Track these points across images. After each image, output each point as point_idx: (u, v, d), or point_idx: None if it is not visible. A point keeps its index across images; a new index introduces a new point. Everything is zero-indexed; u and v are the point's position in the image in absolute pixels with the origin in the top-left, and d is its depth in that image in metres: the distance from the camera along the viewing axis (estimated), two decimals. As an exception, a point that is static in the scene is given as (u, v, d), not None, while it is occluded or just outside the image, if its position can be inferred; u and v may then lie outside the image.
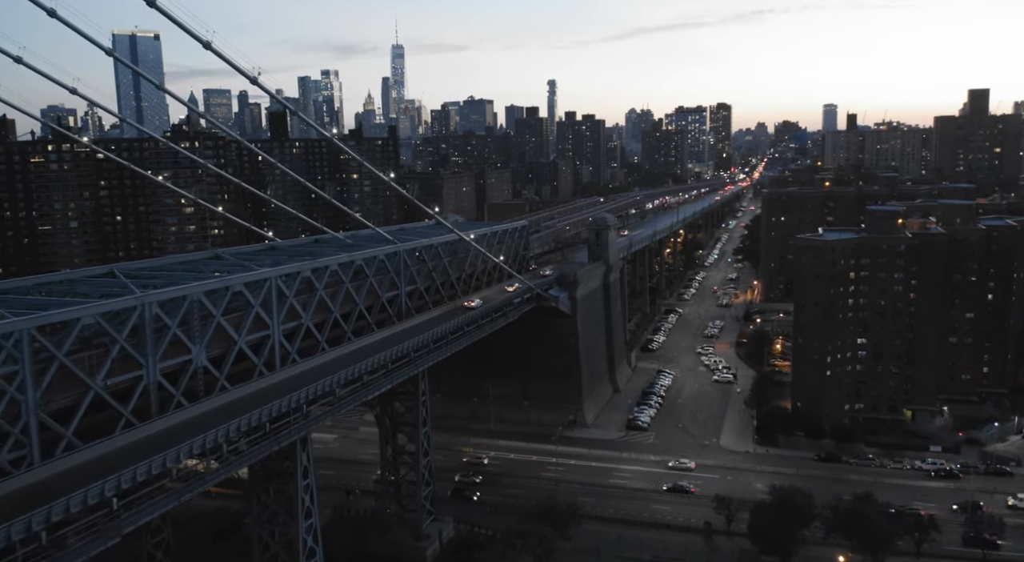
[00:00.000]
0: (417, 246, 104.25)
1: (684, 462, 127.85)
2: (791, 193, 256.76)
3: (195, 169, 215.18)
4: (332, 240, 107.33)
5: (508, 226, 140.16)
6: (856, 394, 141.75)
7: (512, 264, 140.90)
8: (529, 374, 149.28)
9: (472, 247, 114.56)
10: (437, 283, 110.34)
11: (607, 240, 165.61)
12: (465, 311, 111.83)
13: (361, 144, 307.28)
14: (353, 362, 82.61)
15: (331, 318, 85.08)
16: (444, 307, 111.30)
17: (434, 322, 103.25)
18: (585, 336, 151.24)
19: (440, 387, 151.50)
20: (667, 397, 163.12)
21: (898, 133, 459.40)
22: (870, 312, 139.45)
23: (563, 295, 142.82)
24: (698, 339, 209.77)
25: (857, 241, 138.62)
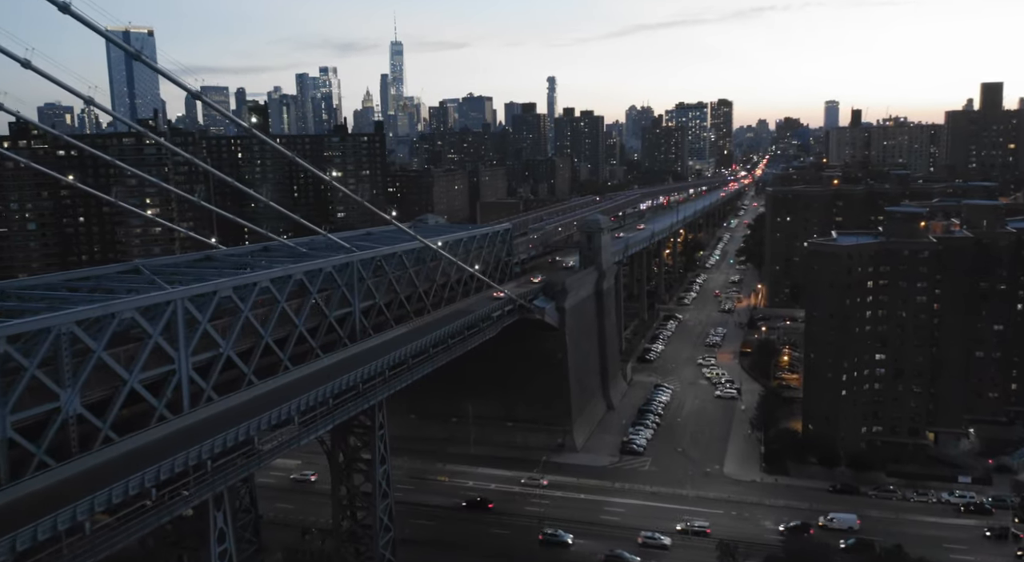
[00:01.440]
0: (376, 255, 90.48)
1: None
2: (797, 192, 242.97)
3: (161, 167, 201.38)
4: (282, 248, 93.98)
5: (488, 230, 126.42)
6: (874, 416, 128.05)
7: (493, 272, 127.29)
8: (513, 393, 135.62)
9: (446, 254, 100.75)
10: (401, 297, 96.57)
11: (600, 243, 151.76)
12: (436, 327, 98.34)
13: (346, 141, 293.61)
14: (289, 397, 69.06)
15: (261, 344, 71.29)
16: (410, 324, 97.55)
17: (395, 343, 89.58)
18: (575, 350, 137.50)
19: (414, 407, 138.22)
20: (665, 415, 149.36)
21: (905, 129, 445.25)
22: (890, 325, 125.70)
23: (550, 306, 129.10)
24: (699, 348, 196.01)
25: (876, 246, 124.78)
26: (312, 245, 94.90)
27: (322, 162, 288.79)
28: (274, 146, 77.85)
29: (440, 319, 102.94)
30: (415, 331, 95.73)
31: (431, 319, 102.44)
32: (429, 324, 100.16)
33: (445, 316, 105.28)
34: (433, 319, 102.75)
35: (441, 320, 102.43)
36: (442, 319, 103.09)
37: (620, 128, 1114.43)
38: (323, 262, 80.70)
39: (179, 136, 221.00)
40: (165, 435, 59.09)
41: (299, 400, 68.25)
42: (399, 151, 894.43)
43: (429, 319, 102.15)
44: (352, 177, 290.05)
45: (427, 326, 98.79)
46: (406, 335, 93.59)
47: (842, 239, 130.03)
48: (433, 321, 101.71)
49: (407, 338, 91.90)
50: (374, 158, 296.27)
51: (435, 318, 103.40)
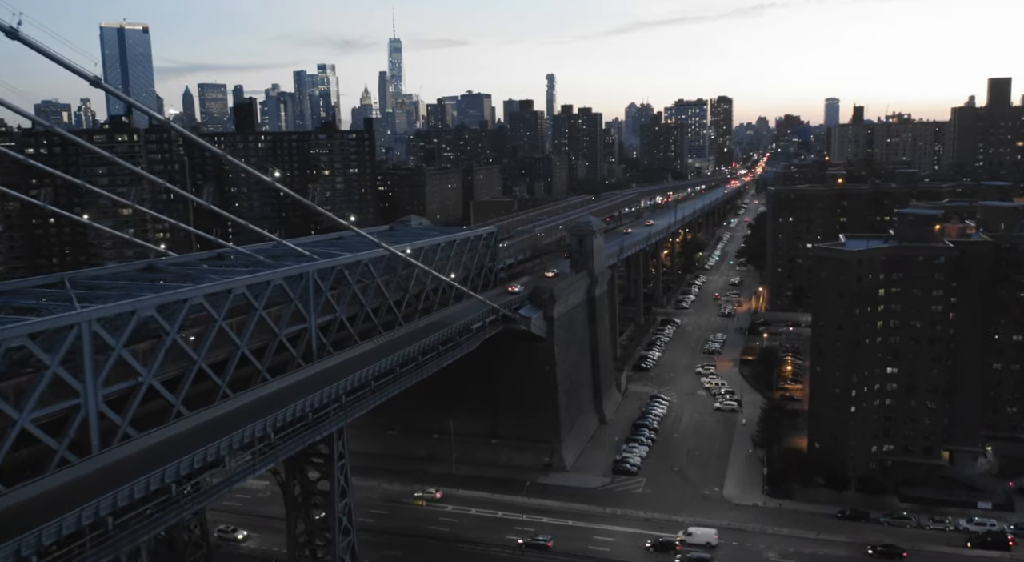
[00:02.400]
0: (337, 264, 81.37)
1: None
2: (800, 191, 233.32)
3: (134, 165, 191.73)
4: (238, 256, 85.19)
5: (470, 233, 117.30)
6: (885, 434, 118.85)
7: (476, 278, 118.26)
8: (498, 408, 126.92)
9: (416, 262, 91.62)
10: (367, 309, 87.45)
11: (592, 247, 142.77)
12: (408, 342, 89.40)
13: (334, 138, 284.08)
14: (223, 431, 60.16)
15: (192, 370, 62.21)
16: (378, 339, 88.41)
17: (358, 362, 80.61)
18: (564, 362, 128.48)
19: (393, 421, 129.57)
20: (661, 430, 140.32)
21: (909, 126, 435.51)
22: (903, 336, 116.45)
23: (536, 315, 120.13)
24: (697, 356, 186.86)
25: (888, 252, 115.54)
26: (274, 252, 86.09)
27: (309, 160, 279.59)
28: (193, 139, 68.26)
29: (413, 333, 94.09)
30: (383, 348, 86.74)
31: (404, 333, 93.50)
32: (400, 339, 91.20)
33: (420, 329, 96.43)
34: (406, 333, 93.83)
35: (414, 334, 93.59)
36: (416, 333, 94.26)
37: (619, 126, 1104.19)
38: (271, 273, 71.57)
39: (154, 134, 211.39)
40: (63, 484, 50.03)
41: (231, 437, 59.23)
42: (397, 149, 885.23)
43: (401, 333, 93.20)
44: (340, 175, 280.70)
45: (398, 341, 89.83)
46: (372, 352, 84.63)
47: (851, 243, 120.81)
48: (405, 335, 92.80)
49: (372, 356, 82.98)
50: (363, 156, 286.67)
51: (408, 331, 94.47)
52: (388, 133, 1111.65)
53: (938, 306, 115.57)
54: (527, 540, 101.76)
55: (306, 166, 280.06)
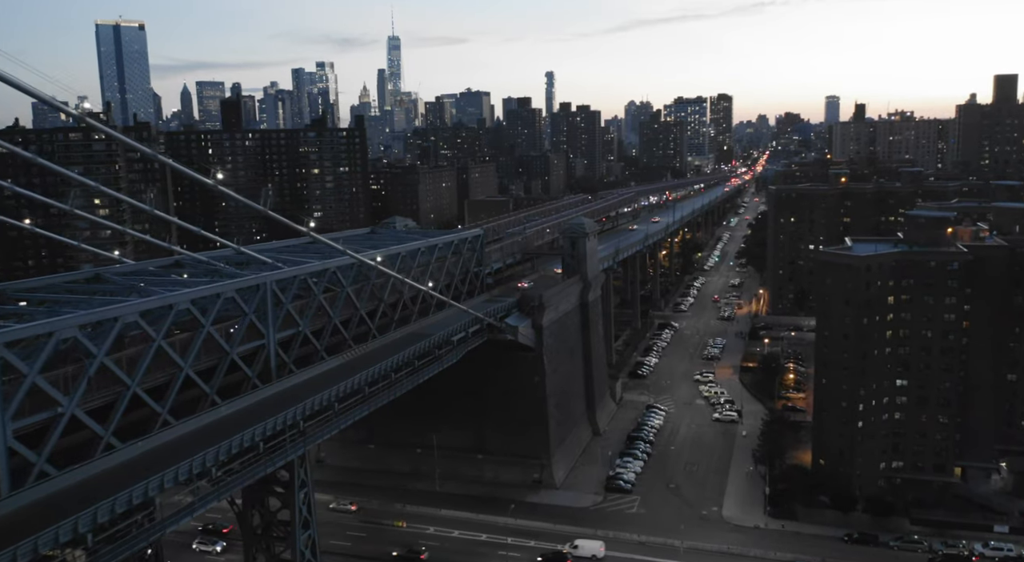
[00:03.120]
0: (300, 273, 74.42)
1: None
2: (802, 191, 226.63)
3: (111, 164, 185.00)
4: (198, 265, 78.31)
5: (453, 237, 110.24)
6: (894, 450, 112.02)
7: (460, 285, 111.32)
8: (484, 421, 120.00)
9: (387, 270, 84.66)
10: (335, 322, 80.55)
11: (585, 250, 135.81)
12: (381, 357, 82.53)
13: (323, 135, 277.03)
14: (159, 465, 53.35)
15: (125, 396, 55.32)
16: (347, 354, 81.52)
17: (322, 381, 73.74)
18: (555, 373, 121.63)
19: (375, 435, 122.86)
20: (657, 442, 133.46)
21: (912, 124, 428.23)
22: (913, 347, 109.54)
23: (524, 324, 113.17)
24: (696, 362, 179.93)
25: (898, 257, 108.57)
26: (237, 259, 79.15)
27: (298, 158, 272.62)
28: (116, 136, 60.85)
29: (389, 346, 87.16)
30: (353, 363, 79.85)
31: (377, 346, 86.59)
32: (374, 353, 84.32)
33: (396, 342, 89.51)
34: (380, 346, 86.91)
35: (389, 347, 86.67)
36: (391, 346, 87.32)
37: (619, 124, 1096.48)
38: (221, 285, 64.64)
39: (132, 132, 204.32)
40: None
41: (162, 476, 52.14)
42: (395, 147, 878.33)
43: (375, 346, 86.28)
44: (330, 174, 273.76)
45: (370, 356, 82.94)
46: (340, 369, 77.72)
47: (857, 248, 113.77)
48: (379, 349, 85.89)
49: (340, 374, 76.05)
50: (353, 154, 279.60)
51: (382, 344, 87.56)
52: (387, 131, 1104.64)
53: (951, 315, 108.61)
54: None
55: (295, 164, 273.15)
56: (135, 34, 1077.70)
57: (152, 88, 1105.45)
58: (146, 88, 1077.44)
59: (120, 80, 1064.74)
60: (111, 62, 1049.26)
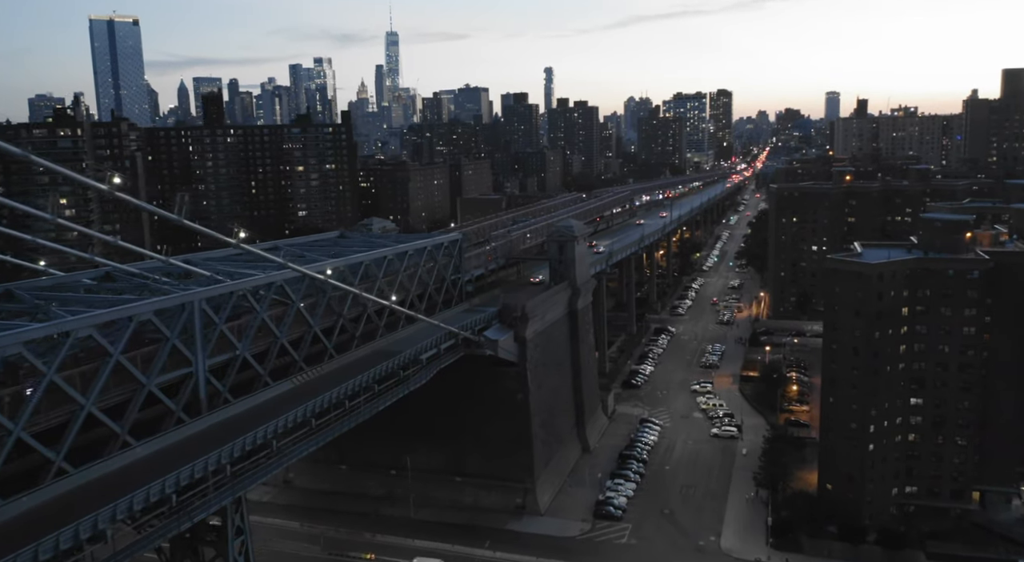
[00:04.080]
0: (238, 288, 65.19)
1: None
2: (805, 189, 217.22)
3: (77, 162, 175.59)
4: (127, 279, 69.33)
5: (427, 242, 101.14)
6: (907, 474, 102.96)
7: (436, 294, 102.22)
8: (463, 442, 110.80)
9: (342, 282, 75.44)
10: (283, 341, 71.36)
11: (573, 254, 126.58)
12: (337, 381, 73.36)
13: (308, 132, 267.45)
14: (50, 524, 44.28)
15: (8, 441, 46.18)
16: (297, 378, 72.40)
17: (266, 411, 64.62)
18: (540, 388, 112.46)
19: (346, 455, 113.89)
20: (651, 461, 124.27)
21: (916, 120, 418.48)
22: (929, 363, 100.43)
23: (505, 336, 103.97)
24: (694, 370, 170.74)
25: (913, 264, 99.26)
26: (174, 270, 70.03)
27: (282, 155, 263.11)
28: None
29: (346, 367, 78.09)
30: (303, 389, 70.70)
31: (334, 367, 77.49)
32: (329, 375, 75.22)
33: (357, 361, 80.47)
34: (337, 367, 77.81)
35: (347, 368, 77.61)
36: (350, 367, 78.25)
37: (618, 120, 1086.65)
38: (136, 307, 55.40)
39: (102, 128, 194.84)
40: None
41: (38, 546, 42.89)
42: (392, 143, 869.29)
43: (331, 367, 77.17)
44: (315, 172, 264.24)
45: (324, 379, 73.82)
46: (286, 397, 68.53)
47: (868, 254, 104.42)
48: (336, 371, 76.78)
49: (285, 402, 66.86)
50: (340, 151, 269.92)
51: (340, 366, 78.47)
52: (384, 127, 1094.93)
53: (970, 328, 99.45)
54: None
55: (279, 161, 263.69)
56: (129, 29, 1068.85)
57: (148, 84, 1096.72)
58: (140, 84, 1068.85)
59: (114, 76, 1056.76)
60: (105, 58, 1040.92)
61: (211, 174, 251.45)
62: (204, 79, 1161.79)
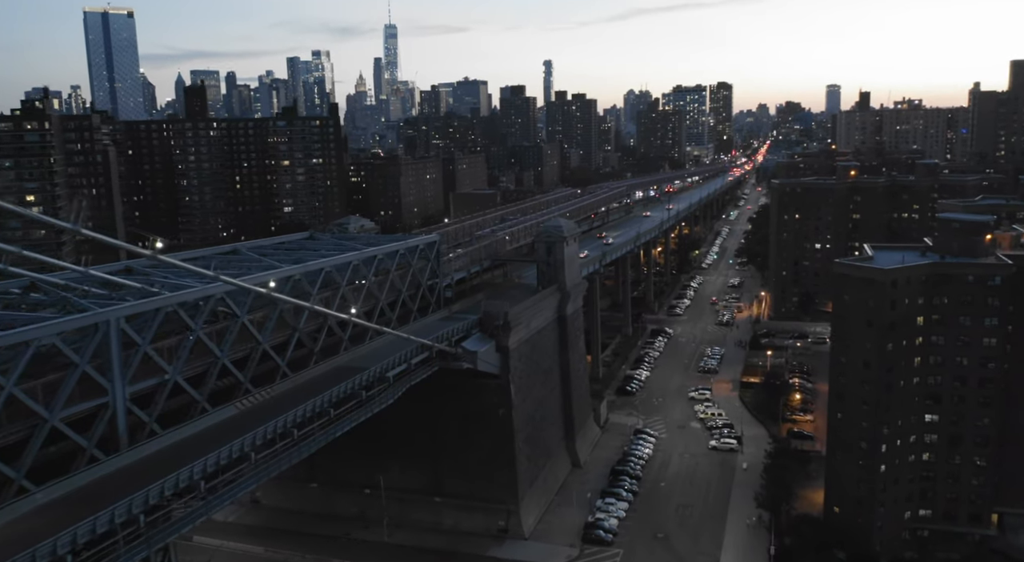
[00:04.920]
0: (167, 303, 57.08)
1: None
2: (808, 185, 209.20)
3: (45, 157, 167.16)
4: (52, 290, 61.19)
5: (399, 245, 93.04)
6: (921, 497, 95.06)
7: (410, 302, 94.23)
8: (442, 460, 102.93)
9: (280, 296, 67.29)
10: (224, 361, 63.26)
11: (562, 256, 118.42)
12: (291, 403, 65.26)
13: (294, 125, 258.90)
14: None
15: None
16: (242, 402, 64.35)
17: (201, 442, 56.60)
18: (525, 401, 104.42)
19: (316, 473, 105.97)
20: (645, 477, 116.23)
21: (920, 113, 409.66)
22: (946, 376, 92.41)
23: (486, 347, 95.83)
24: (691, 375, 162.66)
25: (930, 270, 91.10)
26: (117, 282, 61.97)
27: (267, 149, 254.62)
28: None
29: (301, 387, 70.05)
30: (245, 416, 62.65)
31: (288, 388, 69.47)
32: (279, 398, 67.19)
33: (315, 379, 72.54)
34: (292, 387, 69.81)
35: (303, 389, 69.57)
36: (305, 387, 70.20)
37: (618, 113, 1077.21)
38: (35, 330, 47.30)
39: (72, 121, 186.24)
40: None
41: None
42: (389, 136, 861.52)
43: (284, 388, 69.15)
44: (301, 166, 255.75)
45: (273, 403, 65.77)
46: (225, 425, 60.50)
47: (881, 257, 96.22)
48: (289, 391, 68.81)
49: (223, 433, 58.83)
50: (327, 144, 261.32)
51: (296, 385, 70.47)
52: (382, 120, 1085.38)
53: (991, 339, 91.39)
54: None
55: (264, 156, 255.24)
56: (124, 22, 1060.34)
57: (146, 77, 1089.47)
58: (135, 77, 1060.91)
59: (109, 69, 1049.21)
60: (100, 50, 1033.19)
61: (193, 168, 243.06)
62: (202, 72, 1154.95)
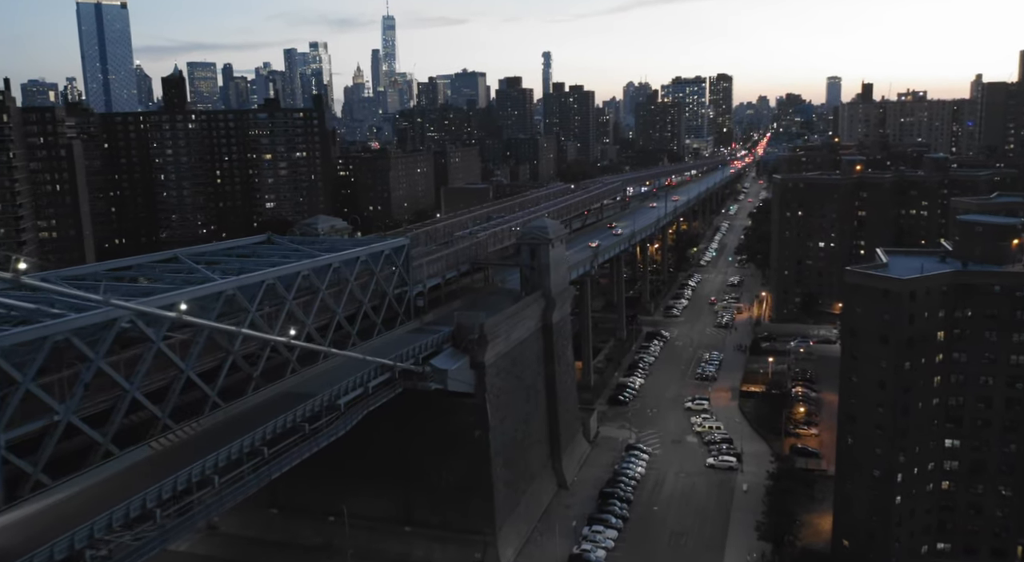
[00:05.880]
0: (54, 331, 47.75)
1: None
2: (811, 180, 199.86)
3: (3, 151, 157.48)
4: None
5: (360, 250, 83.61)
6: (940, 529, 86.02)
7: (373, 313, 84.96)
8: (413, 484, 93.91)
9: (197, 321, 58.03)
10: (134, 394, 53.95)
11: (547, 260, 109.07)
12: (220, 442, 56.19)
13: (275, 117, 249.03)
14: None
15: None
16: (158, 442, 55.09)
17: (100, 495, 47.42)
18: (504, 422, 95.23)
19: (277, 498, 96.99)
20: (637, 500, 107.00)
21: (925, 105, 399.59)
22: (969, 397, 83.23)
23: (458, 365, 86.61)
24: (688, 383, 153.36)
25: (952, 279, 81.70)
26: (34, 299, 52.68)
27: (248, 142, 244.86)
28: None
29: (235, 419, 60.83)
30: (158, 460, 53.39)
31: (219, 420, 60.22)
32: (207, 434, 57.96)
33: (253, 409, 63.27)
34: (224, 419, 60.59)
35: (237, 422, 60.36)
36: (240, 418, 60.98)
37: (617, 105, 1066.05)
38: None
39: (34, 113, 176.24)
40: None
41: None
42: (385, 129, 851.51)
43: (213, 422, 59.89)
44: (284, 160, 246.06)
45: (197, 441, 56.54)
46: (132, 473, 51.25)
47: (896, 264, 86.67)
48: (218, 425, 59.56)
49: (135, 478, 49.63)
50: (311, 137, 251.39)
51: (229, 416, 61.24)
52: (380, 113, 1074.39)
53: (1019, 356, 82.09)
54: None
55: (245, 149, 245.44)
56: (117, 13, 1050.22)
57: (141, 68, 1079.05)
58: (129, 68, 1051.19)
59: (102, 61, 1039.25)
60: (93, 42, 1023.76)
61: (171, 163, 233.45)
62: (199, 64, 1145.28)
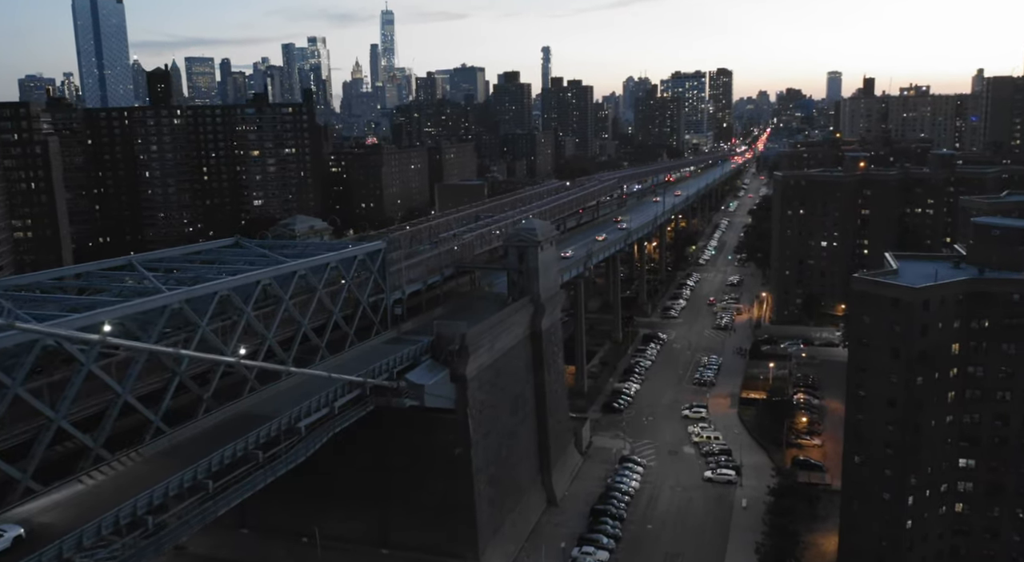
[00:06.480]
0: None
1: None
2: (813, 177, 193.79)
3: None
4: None
5: (332, 256, 77.77)
6: (953, 555, 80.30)
7: (346, 324, 79.11)
8: (391, 504, 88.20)
9: (135, 345, 52.22)
10: (59, 423, 48.12)
11: (536, 264, 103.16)
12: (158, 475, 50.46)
13: (263, 113, 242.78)
14: None
15: None
16: (91, 475, 49.33)
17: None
18: (487, 438, 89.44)
19: (248, 517, 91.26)
20: (631, 518, 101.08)
21: (928, 100, 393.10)
22: (985, 415, 77.43)
23: (437, 379, 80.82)
24: (686, 388, 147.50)
25: (968, 287, 75.79)
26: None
27: (235, 138, 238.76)
28: None
29: (180, 446, 55.02)
30: (87, 498, 47.56)
31: (162, 448, 54.42)
32: (148, 463, 52.20)
33: (202, 434, 57.47)
34: (168, 446, 54.78)
35: (182, 449, 54.57)
36: (186, 446, 55.19)
37: (617, 100, 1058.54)
38: None
39: (7, 109, 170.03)
40: None
41: None
42: (384, 124, 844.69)
43: (155, 450, 54.09)
44: (272, 156, 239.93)
45: (136, 471, 50.76)
46: (56, 513, 45.41)
47: (907, 270, 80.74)
48: (160, 454, 53.77)
49: (51, 522, 43.81)
50: (300, 134, 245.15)
51: (174, 443, 55.42)
52: (378, 108, 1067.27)
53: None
54: None
55: (232, 146, 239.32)
56: (113, 7, 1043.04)
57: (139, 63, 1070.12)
58: (125, 63, 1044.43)
59: (98, 55, 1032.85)
60: (88, 37, 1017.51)
61: (156, 159, 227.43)
62: (197, 59, 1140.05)
